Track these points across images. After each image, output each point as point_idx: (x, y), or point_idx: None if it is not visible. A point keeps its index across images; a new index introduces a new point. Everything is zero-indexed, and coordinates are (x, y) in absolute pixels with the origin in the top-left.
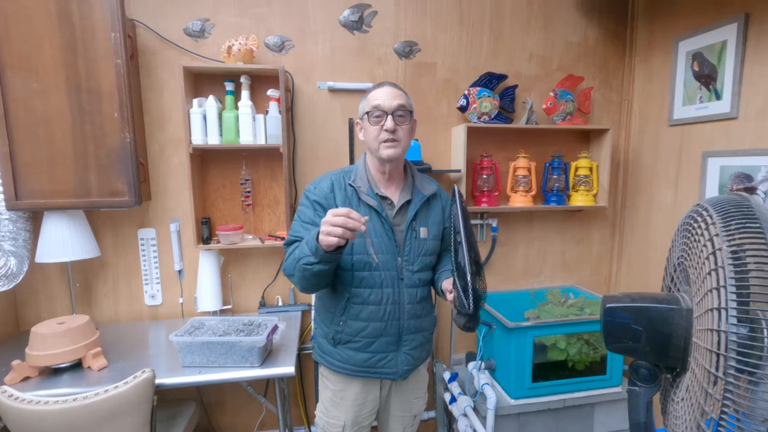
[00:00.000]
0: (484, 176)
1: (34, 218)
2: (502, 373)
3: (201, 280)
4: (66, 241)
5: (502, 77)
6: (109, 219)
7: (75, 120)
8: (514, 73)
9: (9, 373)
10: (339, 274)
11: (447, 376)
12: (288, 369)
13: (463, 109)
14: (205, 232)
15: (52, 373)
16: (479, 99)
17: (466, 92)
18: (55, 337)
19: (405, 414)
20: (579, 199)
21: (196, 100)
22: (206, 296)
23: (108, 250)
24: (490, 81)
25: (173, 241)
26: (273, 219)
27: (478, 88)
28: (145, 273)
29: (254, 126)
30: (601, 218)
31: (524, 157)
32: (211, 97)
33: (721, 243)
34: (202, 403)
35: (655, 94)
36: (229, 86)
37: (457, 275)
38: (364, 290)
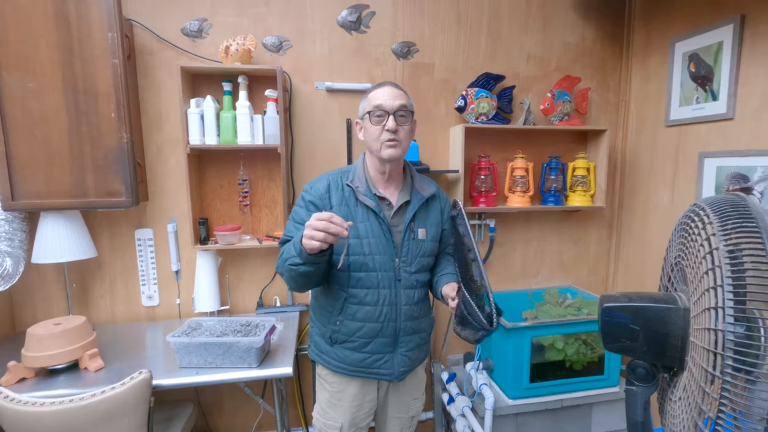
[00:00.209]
0: (482, 177)
1: (30, 219)
2: (500, 374)
3: (198, 281)
4: (62, 241)
5: (500, 78)
6: (106, 219)
7: (72, 120)
8: (511, 74)
9: (5, 375)
10: (335, 274)
11: (445, 376)
12: (286, 370)
13: (460, 110)
14: (203, 233)
15: (48, 375)
16: (477, 99)
17: (464, 93)
18: (52, 338)
19: (402, 415)
20: (576, 200)
21: (193, 101)
22: (204, 297)
23: (105, 250)
24: (487, 81)
25: (170, 241)
26: (271, 219)
27: (476, 89)
28: (142, 274)
29: (252, 126)
30: (599, 218)
31: (522, 157)
32: (208, 98)
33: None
34: (199, 405)
35: (652, 94)
36: (227, 86)
37: (467, 290)
38: (360, 290)
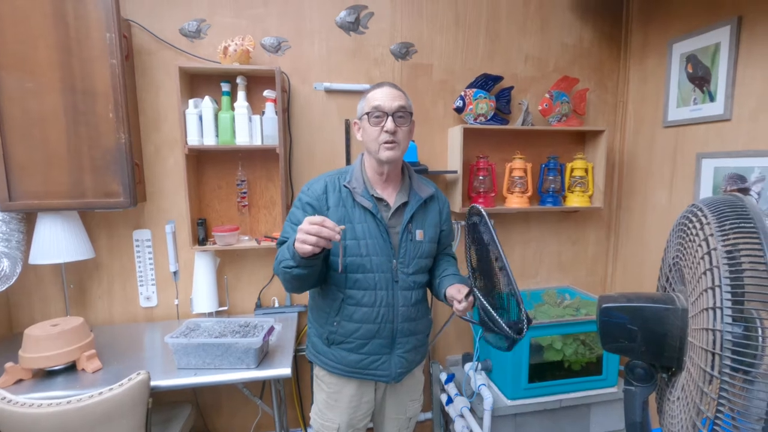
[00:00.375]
0: (480, 177)
1: (27, 219)
2: (498, 374)
3: (197, 282)
4: (60, 242)
5: (498, 79)
6: (103, 220)
7: (70, 120)
8: (510, 75)
9: (2, 376)
10: (332, 275)
11: (444, 377)
12: (284, 370)
13: (459, 111)
14: (201, 234)
15: (45, 376)
16: (475, 100)
17: (463, 93)
18: (49, 339)
19: (400, 416)
20: (575, 200)
21: (192, 101)
22: (202, 298)
23: (102, 251)
24: (486, 82)
25: (168, 242)
26: (269, 220)
27: (474, 90)
28: (140, 274)
29: (250, 127)
30: (597, 219)
31: (520, 158)
32: (207, 98)
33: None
34: (197, 406)
35: (649, 95)
36: (225, 87)
37: (490, 299)
38: (357, 292)
